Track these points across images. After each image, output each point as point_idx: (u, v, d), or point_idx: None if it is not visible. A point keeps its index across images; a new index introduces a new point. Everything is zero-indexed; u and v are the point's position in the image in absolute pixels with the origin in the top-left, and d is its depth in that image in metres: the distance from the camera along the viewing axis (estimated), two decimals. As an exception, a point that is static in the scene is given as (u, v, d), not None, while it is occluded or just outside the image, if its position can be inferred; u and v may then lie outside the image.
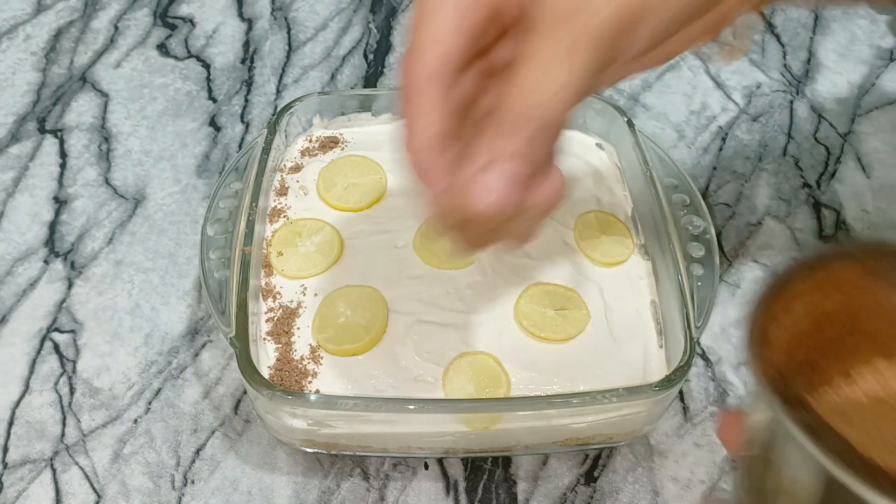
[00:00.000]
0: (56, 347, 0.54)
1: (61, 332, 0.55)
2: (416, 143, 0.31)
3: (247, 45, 0.73)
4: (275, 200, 0.55)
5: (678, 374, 0.44)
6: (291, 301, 0.50)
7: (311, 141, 0.59)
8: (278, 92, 0.70)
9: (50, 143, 0.65)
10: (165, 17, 0.76)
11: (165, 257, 0.59)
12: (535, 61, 0.27)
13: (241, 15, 0.76)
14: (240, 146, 0.66)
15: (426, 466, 0.50)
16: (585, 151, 0.59)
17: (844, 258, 0.32)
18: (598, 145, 0.60)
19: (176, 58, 0.72)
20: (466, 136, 0.31)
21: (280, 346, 0.48)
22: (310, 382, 0.47)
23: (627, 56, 0.29)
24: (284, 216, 0.54)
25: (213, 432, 0.51)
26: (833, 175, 0.66)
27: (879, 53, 0.75)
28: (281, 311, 0.50)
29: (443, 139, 0.30)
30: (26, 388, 0.52)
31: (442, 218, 0.32)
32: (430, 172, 0.31)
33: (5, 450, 0.50)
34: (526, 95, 0.27)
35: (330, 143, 0.59)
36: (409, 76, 0.30)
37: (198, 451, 0.50)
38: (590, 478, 0.50)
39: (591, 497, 0.49)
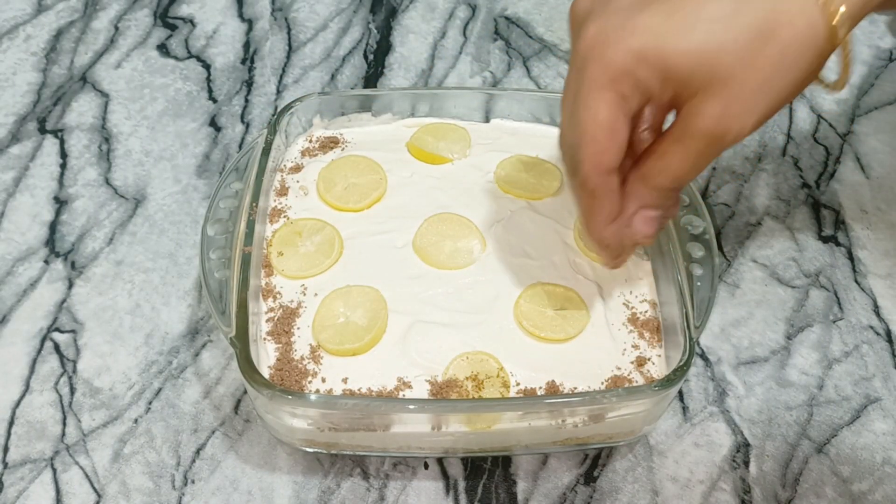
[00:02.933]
0: (56, 347, 0.54)
1: (62, 331, 0.55)
2: (601, 227, 0.42)
3: (247, 45, 0.74)
4: (275, 200, 0.55)
5: (678, 374, 0.44)
6: (291, 301, 0.50)
7: (311, 141, 0.59)
8: (278, 92, 0.70)
9: (50, 144, 0.66)
10: (166, 17, 0.76)
11: (166, 257, 0.59)
12: (676, 153, 0.39)
13: (241, 15, 0.76)
14: (240, 146, 0.66)
15: (426, 466, 0.50)
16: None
17: None
18: (598, 145, 0.60)
19: (176, 58, 0.72)
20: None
21: (280, 345, 0.48)
22: (310, 382, 0.47)
23: None
24: (285, 216, 0.54)
25: (213, 432, 0.51)
26: (832, 175, 0.66)
27: (879, 53, 0.75)
28: (281, 311, 0.50)
29: (615, 215, 0.41)
30: (27, 388, 0.52)
31: (607, 252, 0.44)
32: (611, 240, 0.42)
33: (6, 450, 0.50)
34: (665, 174, 0.40)
35: (330, 144, 0.59)
36: (587, 177, 0.39)
37: (198, 451, 0.50)
38: (589, 478, 0.50)
39: (591, 497, 0.49)
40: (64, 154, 0.65)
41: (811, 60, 0.39)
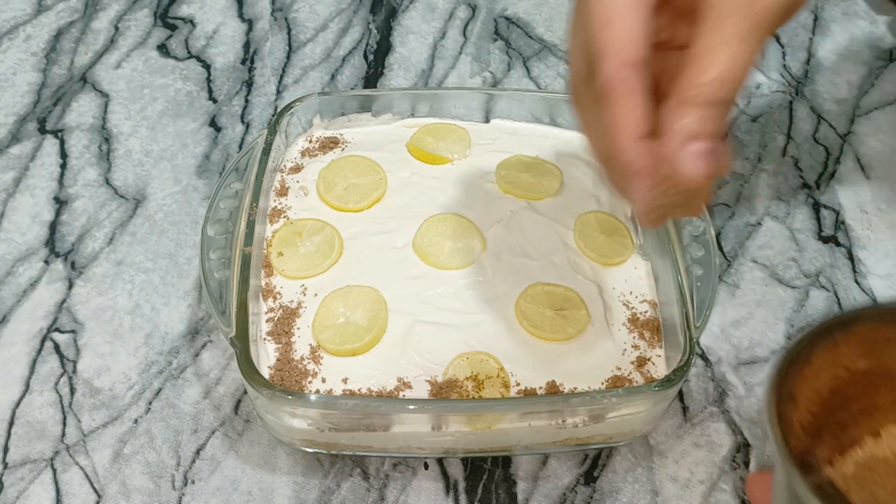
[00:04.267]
0: (56, 347, 0.54)
1: (62, 332, 0.55)
2: (627, 137, 0.33)
3: (247, 45, 0.74)
4: (275, 201, 0.55)
5: (678, 374, 0.44)
6: (291, 301, 0.50)
7: (311, 141, 0.59)
8: (278, 92, 0.70)
9: (50, 144, 0.66)
10: (166, 17, 0.76)
11: (166, 257, 0.59)
12: (717, 45, 0.31)
13: (241, 15, 0.76)
14: (240, 146, 0.66)
15: (426, 466, 0.50)
16: (585, 151, 0.59)
17: (876, 317, 0.32)
18: (598, 146, 0.60)
19: (176, 58, 0.72)
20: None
21: (280, 346, 0.48)
22: (310, 382, 0.47)
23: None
24: (285, 216, 0.54)
25: (213, 432, 0.51)
26: (832, 175, 0.66)
27: (879, 54, 0.75)
28: (281, 311, 0.50)
29: (644, 126, 0.33)
30: (27, 388, 0.52)
31: (649, 194, 0.34)
32: (639, 158, 0.33)
33: (6, 450, 0.50)
34: (712, 75, 0.31)
35: (330, 144, 0.59)
36: (609, 74, 0.32)
37: (198, 451, 0.50)
38: (589, 478, 0.50)
39: (591, 497, 0.49)
40: (64, 154, 0.65)
41: None
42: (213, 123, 0.67)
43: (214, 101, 0.69)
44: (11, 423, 0.51)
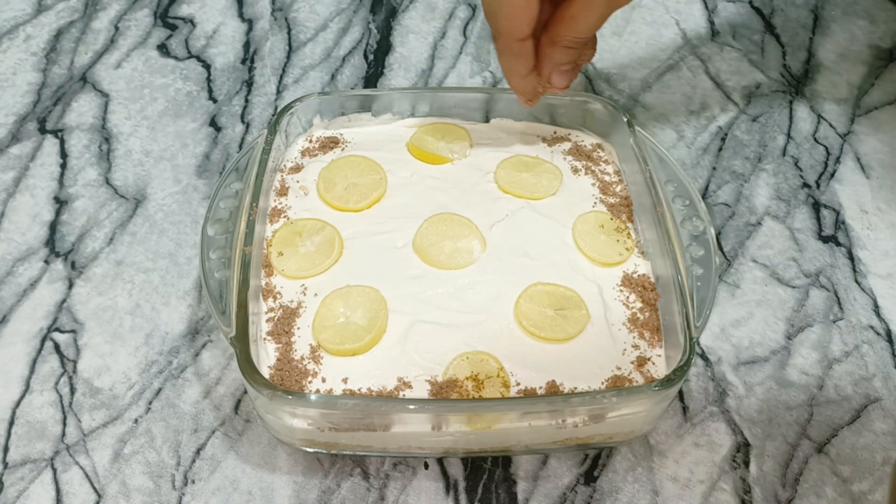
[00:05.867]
0: (56, 347, 0.54)
1: (62, 331, 0.55)
2: (519, 81, 0.52)
3: (247, 45, 0.74)
4: (275, 200, 0.55)
5: (678, 373, 0.44)
6: (292, 301, 0.50)
7: (311, 141, 0.59)
8: (278, 92, 0.70)
9: (50, 144, 0.66)
10: (166, 17, 0.76)
11: (166, 257, 0.59)
12: (582, 13, 0.48)
13: (241, 15, 0.76)
14: (240, 146, 0.66)
15: (426, 466, 0.50)
16: (586, 150, 0.59)
17: None
18: (598, 145, 0.60)
19: (176, 58, 0.72)
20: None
21: (280, 346, 0.48)
22: (310, 382, 0.47)
23: None
24: (285, 216, 0.54)
25: (213, 432, 0.51)
26: (832, 175, 0.66)
27: (879, 53, 0.75)
28: (281, 311, 0.50)
29: (527, 70, 0.51)
30: (27, 388, 0.52)
31: (526, 102, 0.54)
32: (524, 88, 0.53)
33: (6, 450, 0.50)
34: (576, 33, 0.49)
35: (330, 144, 0.59)
36: (505, 43, 0.50)
37: (198, 451, 0.50)
38: (589, 477, 0.50)
39: (591, 497, 0.49)
40: (64, 154, 0.65)
41: None
42: (213, 123, 0.67)
43: (214, 100, 0.69)
44: (11, 423, 0.51)
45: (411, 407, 0.44)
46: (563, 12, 0.49)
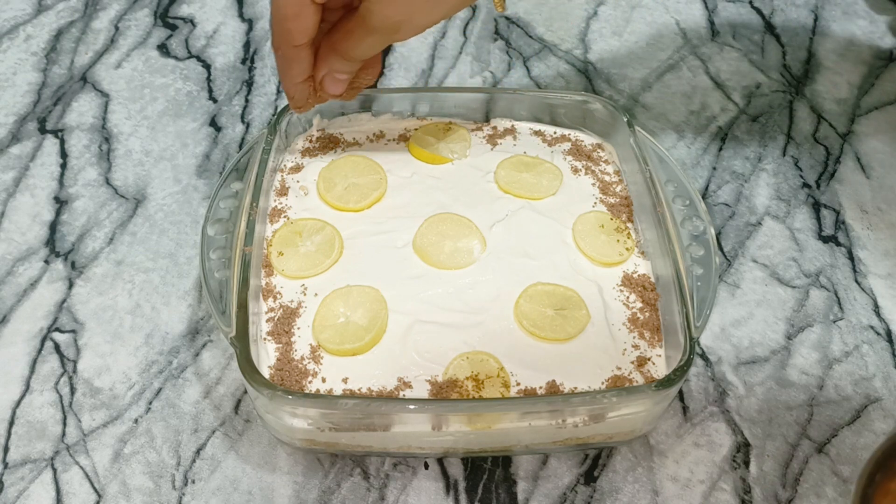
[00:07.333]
0: (57, 347, 0.54)
1: (62, 331, 0.55)
2: (292, 85, 0.51)
3: (247, 45, 0.74)
4: (275, 200, 0.55)
5: (678, 373, 0.44)
6: (292, 301, 0.50)
7: (311, 141, 0.59)
8: (279, 92, 0.70)
9: (50, 144, 0.66)
10: (166, 17, 0.76)
11: (166, 257, 0.59)
12: (359, 35, 0.47)
13: (241, 15, 0.76)
14: (240, 146, 0.66)
15: (426, 466, 0.50)
16: (586, 150, 0.59)
17: None
18: (598, 145, 0.60)
19: (176, 58, 0.72)
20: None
21: (280, 346, 0.48)
22: (310, 382, 0.47)
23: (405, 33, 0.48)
24: (285, 216, 0.54)
25: (213, 432, 0.51)
26: (833, 175, 0.66)
27: (879, 53, 0.75)
28: (281, 311, 0.50)
29: (304, 77, 0.50)
30: (27, 388, 0.52)
31: (297, 108, 0.53)
32: (298, 95, 0.51)
33: (6, 449, 0.50)
34: (354, 49, 0.48)
35: (330, 144, 0.59)
36: (278, 47, 0.49)
37: (198, 451, 0.50)
38: (590, 477, 0.50)
39: (591, 497, 0.49)
40: (64, 154, 0.65)
41: None
42: (214, 123, 0.67)
43: (214, 100, 0.69)
44: (12, 423, 0.51)
45: (411, 407, 0.44)
46: (343, 23, 0.49)
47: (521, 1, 0.79)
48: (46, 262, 0.58)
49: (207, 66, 0.72)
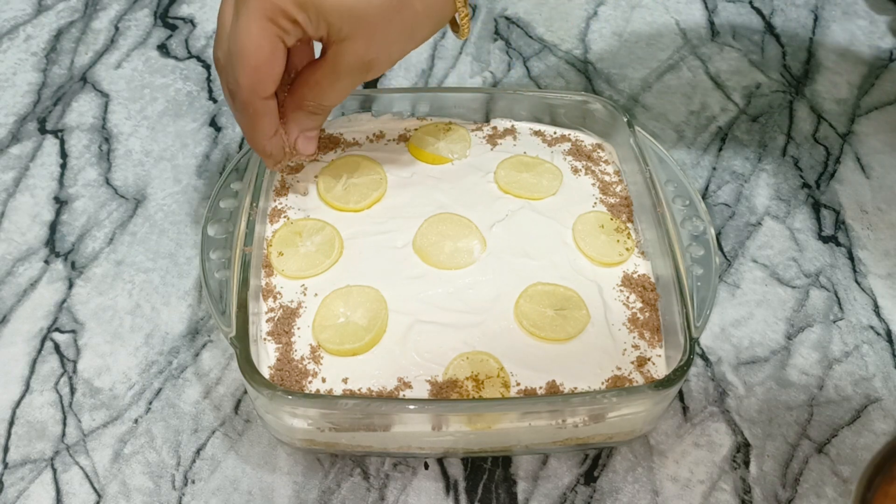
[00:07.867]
0: (56, 347, 0.54)
1: (62, 332, 0.55)
2: (263, 143, 0.48)
3: (247, 45, 0.73)
4: (275, 200, 0.55)
5: (678, 373, 0.44)
6: (292, 301, 0.50)
7: (311, 141, 0.59)
8: (278, 92, 0.70)
9: (50, 144, 0.66)
10: (166, 17, 0.76)
11: (166, 257, 0.59)
12: (329, 81, 0.46)
13: (241, 15, 0.76)
14: (240, 146, 0.66)
15: (426, 466, 0.50)
16: (586, 150, 0.59)
17: None
18: (598, 145, 0.60)
19: (176, 58, 0.72)
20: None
21: (280, 346, 0.48)
22: (310, 382, 0.47)
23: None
24: (285, 216, 0.54)
25: (213, 432, 0.51)
26: (833, 175, 0.66)
27: (879, 53, 0.75)
28: (281, 311, 0.50)
29: (273, 130, 0.48)
30: (27, 388, 0.52)
31: (273, 164, 0.51)
32: (275, 150, 0.49)
33: (6, 450, 0.50)
34: (324, 99, 0.47)
35: (330, 144, 0.59)
36: (247, 101, 0.45)
37: (198, 451, 0.50)
38: (590, 478, 0.50)
39: (591, 497, 0.49)
40: (64, 154, 0.65)
41: (437, 22, 0.47)
42: (214, 123, 0.67)
43: (214, 100, 0.69)
44: (11, 423, 0.51)
45: (411, 407, 0.44)
46: (307, 75, 0.47)
47: (521, 1, 0.79)
48: (46, 262, 0.58)
49: (207, 67, 0.72)
